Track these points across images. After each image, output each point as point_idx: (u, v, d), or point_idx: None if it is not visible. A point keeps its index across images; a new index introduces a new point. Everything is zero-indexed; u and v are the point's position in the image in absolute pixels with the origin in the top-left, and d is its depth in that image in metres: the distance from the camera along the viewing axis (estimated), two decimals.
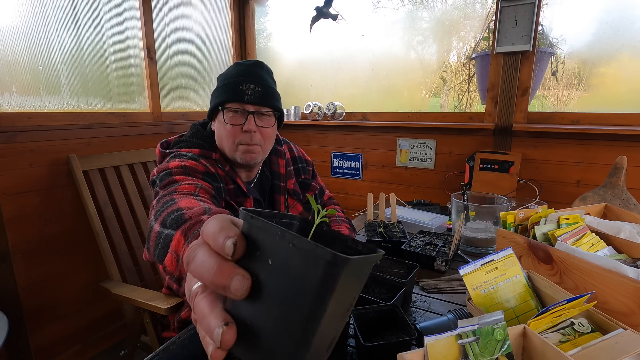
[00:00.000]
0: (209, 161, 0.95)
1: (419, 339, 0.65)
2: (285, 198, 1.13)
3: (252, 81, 0.92)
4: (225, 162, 0.98)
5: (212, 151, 0.97)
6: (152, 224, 0.67)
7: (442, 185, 2.21)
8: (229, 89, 0.92)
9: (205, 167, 0.90)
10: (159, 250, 0.61)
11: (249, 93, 0.91)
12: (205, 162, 0.92)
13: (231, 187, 0.97)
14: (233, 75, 0.94)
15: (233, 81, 0.92)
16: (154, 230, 0.65)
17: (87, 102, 1.80)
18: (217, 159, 0.97)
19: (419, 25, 2.32)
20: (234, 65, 0.98)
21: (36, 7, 1.58)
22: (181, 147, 0.97)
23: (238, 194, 0.98)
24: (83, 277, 1.77)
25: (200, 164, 0.90)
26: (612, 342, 0.49)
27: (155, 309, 1.15)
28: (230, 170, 0.98)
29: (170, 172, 0.84)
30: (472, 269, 0.63)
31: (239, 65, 0.97)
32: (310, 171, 1.26)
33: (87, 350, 1.82)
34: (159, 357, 0.49)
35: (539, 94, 2.03)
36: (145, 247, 0.70)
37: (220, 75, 1.00)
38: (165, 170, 0.86)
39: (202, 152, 0.95)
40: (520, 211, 0.90)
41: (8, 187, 1.48)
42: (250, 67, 0.95)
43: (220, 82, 0.97)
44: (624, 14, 1.77)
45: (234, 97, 0.91)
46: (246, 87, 0.91)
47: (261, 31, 2.76)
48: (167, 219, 0.63)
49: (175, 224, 0.60)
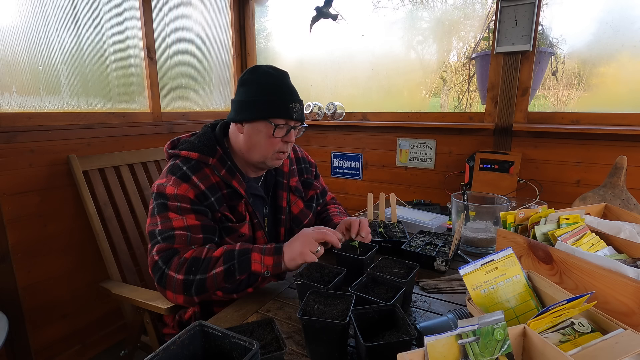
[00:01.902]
0: (202, 172, 0.98)
1: (419, 339, 0.65)
2: (287, 194, 1.17)
3: (297, 100, 1.02)
4: (221, 166, 1.01)
5: (209, 156, 1.01)
6: (191, 277, 0.88)
7: (442, 185, 2.21)
8: (281, 107, 0.99)
9: (196, 188, 0.96)
10: (239, 270, 0.88)
11: (296, 111, 1.01)
12: (197, 179, 0.97)
13: (225, 192, 1.01)
14: (279, 91, 1.00)
15: (284, 99, 0.99)
16: (211, 274, 0.88)
17: (87, 102, 1.80)
18: (213, 164, 1.00)
19: (419, 25, 2.32)
20: (265, 76, 1.01)
21: (36, 6, 1.58)
22: (184, 148, 1.03)
23: (233, 197, 1.02)
24: (83, 277, 1.77)
25: (191, 186, 0.96)
26: (612, 342, 0.49)
27: (155, 309, 1.15)
28: (226, 174, 1.01)
29: (166, 205, 0.95)
30: (472, 269, 0.63)
31: (278, 80, 1.01)
32: (313, 172, 1.30)
33: (87, 350, 1.82)
34: (159, 357, 0.49)
35: (539, 94, 2.03)
36: (172, 291, 0.90)
37: (247, 81, 1.01)
38: (162, 196, 0.96)
39: (200, 157, 1.00)
40: (520, 211, 0.90)
41: (8, 187, 1.48)
42: (287, 81, 1.03)
43: (262, 95, 0.99)
44: (624, 14, 1.77)
45: (285, 115, 0.99)
46: (294, 105, 1.00)
47: (261, 31, 2.76)
48: (212, 265, 0.89)
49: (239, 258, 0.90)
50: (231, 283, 0.88)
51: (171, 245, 0.91)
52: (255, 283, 0.92)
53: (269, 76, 1.01)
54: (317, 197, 1.27)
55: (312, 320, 0.66)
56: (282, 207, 1.14)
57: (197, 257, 0.89)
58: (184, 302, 0.92)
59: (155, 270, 0.91)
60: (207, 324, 0.55)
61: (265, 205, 1.13)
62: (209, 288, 0.88)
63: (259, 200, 1.11)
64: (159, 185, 0.97)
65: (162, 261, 0.90)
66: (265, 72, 1.01)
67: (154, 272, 0.92)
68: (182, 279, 0.88)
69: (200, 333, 0.55)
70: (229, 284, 0.88)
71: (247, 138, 1.01)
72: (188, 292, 0.88)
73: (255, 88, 1.00)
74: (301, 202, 1.20)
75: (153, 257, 0.92)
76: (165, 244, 0.91)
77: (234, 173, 1.02)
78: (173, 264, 0.89)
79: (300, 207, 1.19)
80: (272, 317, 0.69)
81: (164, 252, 0.91)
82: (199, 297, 0.90)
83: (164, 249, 0.91)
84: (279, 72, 1.03)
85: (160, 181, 0.98)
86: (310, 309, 0.70)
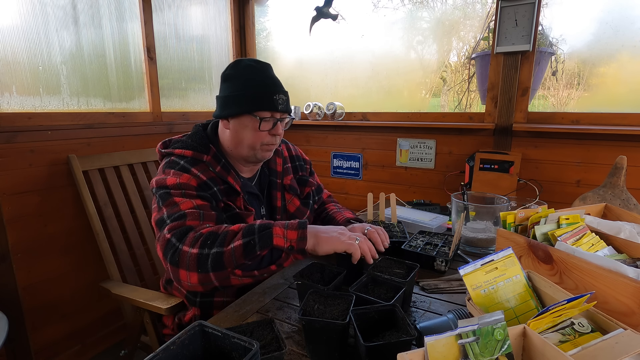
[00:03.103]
0: (200, 166, 0.99)
1: (419, 339, 0.65)
2: (281, 194, 1.17)
3: (281, 91, 1.01)
4: (216, 163, 1.01)
5: (203, 153, 1.01)
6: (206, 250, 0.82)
7: (442, 185, 2.21)
8: (264, 99, 0.98)
9: (197, 177, 0.96)
10: (259, 245, 0.82)
11: (281, 102, 1.00)
12: (197, 171, 0.97)
13: (222, 188, 1.01)
14: (262, 83, 0.99)
15: (266, 91, 0.98)
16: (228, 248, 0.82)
17: (87, 102, 1.80)
18: (207, 161, 1.00)
19: (419, 25, 2.32)
20: (248, 69, 1.00)
21: (36, 6, 1.58)
22: (177, 147, 1.02)
23: (230, 192, 1.02)
24: (83, 277, 1.77)
25: (192, 175, 0.95)
26: (612, 342, 0.49)
27: (155, 309, 1.15)
28: (221, 171, 1.01)
29: (169, 193, 0.92)
30: (472, 269, 0.63)
31: (260, 73, 1.00)
32: (307, 169, 1.30)
33: (87, 350, 1.82)
34: (159, 357, 0.49)
35: (539, 94, 2.03)
36: (185, 269, 0.82)
37: (230, 76, 1.01)
38: (163, 187, 0.93)
39: (194, 155, 1.00)
40: (520, 211, 0.90)
41: (8, 187, 1.48)
42: (270, 73, 1.02)
43: (245, 88, 0.98)
44: (624, 14, 1.77)
45: (269, 107, 0.98)
46: (278, 97, 0.99)
47: (261, 31, 2.76)
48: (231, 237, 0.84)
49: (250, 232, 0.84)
50: (252, 259, 0.82)
51: (184, 222, 0.86)
52: (279, 260, 0.85)
53: (251, 69, 1.00)
54: (313, 194, 1.27)
55: (312, 320, 0.66)
56: (277, 207, 1.14)
57: (214, 232, 0.84)
58: (198, 282, 0.82)
59: (168, 249, 0.84)
60: (207, 324, 0.55)
61: (261, 205, 1.12)
62: (226, 264, 0.81)
63: (254, 198, 1.11)
64: (159, 180, 0.95)
65: (175, 238, 0.84)
66: (247, 66, 1.00)
67: (166, 251, 0.84)
68: (196, 253, 0.81)
69: (200, 333, 0.55)
70: (249, 260, 0.82)
71: (234, 133, 1.01)
72: (203, 268, 0.81)
73: (239, 82, 0.99)
74: (297, 200, 1.20)
75: (164, 235, 0.86)
76: (177, 222, 0.86)
77: (228, 170, 1.02)
78: (188, 239, 0.83)
79: (297, 205, 1.19)
80: (272, 317, 0.69)
81: (178, 229, 0.85)
82: (216, 276, 0.82)
83: (177, 226, 0.86)
84: (261, 65, 1.01)
85: (158, 177, 0.97)
86: (310, 309, 0.70)
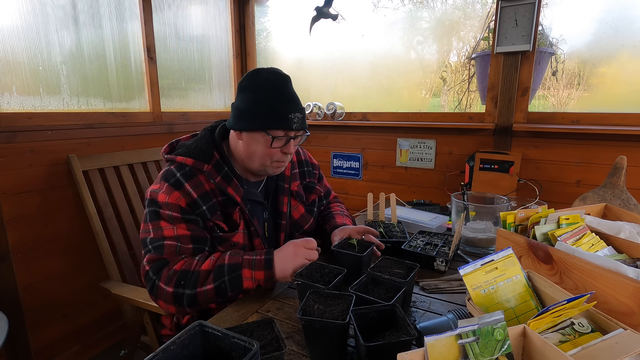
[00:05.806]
0: (196, 179, 0.98)
1: (419, 339, 0.65)
2: (288, 199, 1.15)
3: (298, 109, 0.97)
4: (216, 173, 1.00)
5: (205, 162, 1.00)
6: (181, 290, 0.88)
7: (442, 185, 2.21)
8: (279, 117, 0.95)
9: (188, 196, 0.95)
10: (230, 288, 0.89)
11: (296, 121, 0.97)
12: (190, 187, 0.96)
13: (220, 199, 1.00)
14: (278, 101, 0.96)
15: (282, 109, 0.95)
16: (202, 290, 0.88)
17: (87, 102, 1.80)
18: (208, 171, 0.99)
19: (419, 25, 2.32)
20: (266, 83, 0.96)
21: (36, 6, 1.58)
22: (179, 153, 1.02)
23: (228, 204, 1.01)
24: (83, 277, 1.77)
25: (182, 194, 0.95)
26: (612, 342, 0.49)
27: (155, 309, 1.16)
28: (222, 181, 1.00)
29: (158, 213, 0.95)
30: (472, 269, 0.63)
31: (277, 88, 0.96)
32: (316, 175, 1.29)
33: (87, 350, 1.82)
34: (159, 357, 0.49)
35: (539, 94, 2.03)
36: (163, 301, 0.90)
37: (246, 88, 0.98)
38: (154, 203, 0.96)
39: (195, 164, 0.99)
40: (520, 211, 0.90)
41: (8, 187, 1.48)
42: (288, 88, 0.99)
43: (259, 104, 0.95)
44: (624, 14, 1.77)
45: (283, 126, 0.96)
46: (293, 116, 0.96)
47: (261, 31, 2.76)
48: (201, 280, 0.89)
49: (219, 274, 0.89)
50: (223, 298, 0.90)
51: (160, 255, 0.92)
52: (249, 292, 0.94)
53: (268, 83, 0.96)
54: (319, 201, 1.26)
55: (312, 320, 0.66)
56: (283, 212, 1.13)
57: (186, 271, 0.90)
58: (176, 312, 0.94)
59: (147, 280, 0.92)
60: (207, 324, 0.55)
61: (265, 211, 1.11)
62: (201, 302, 0.89)
63: (257, 206, 1.09)
64: (152, 192, 0.97)
65: (152, 272, 0.91)
66: (264, 79, 0.97)
67: (146, 281, 0.93)
68: (172, 292, 0.89)
69: (200, 333, 0.55)
70: (221, 299, 0.90)
71: (246, 146, 1.00)
72: (180, 304, 0.89)
73: (254, 96, 0.96)
74: (302, 207, 1.19)
75: (144, 266, 0.93)
76: (155, 254, 0.92)
77: (230, 179, 1.01)
78: (163, 276, 0.90)
79: (301, 212, 1.18)
80: (272, 317, 0.69)
81: (154, 262, 0.92)
82: (193, 310, 0.92)
83: (154, 259, 0.92)
84: (279, 79, 0.98)
85: (153, 187, 0.98)
86: (310, 309, 0.70)
